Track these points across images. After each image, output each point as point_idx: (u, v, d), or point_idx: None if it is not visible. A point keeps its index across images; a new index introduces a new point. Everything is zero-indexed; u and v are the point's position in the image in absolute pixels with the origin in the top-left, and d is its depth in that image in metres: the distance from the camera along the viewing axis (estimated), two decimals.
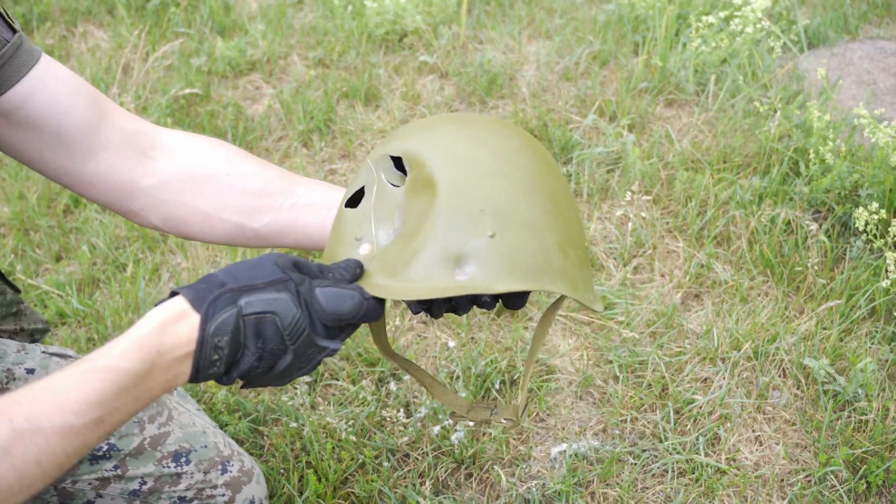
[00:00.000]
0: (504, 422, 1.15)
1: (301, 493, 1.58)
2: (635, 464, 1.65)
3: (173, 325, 0.83)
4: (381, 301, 0.92)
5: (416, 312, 1.02)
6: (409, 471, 1.64)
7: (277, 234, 1.18)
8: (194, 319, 0.83)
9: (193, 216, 1.17)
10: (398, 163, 1.01)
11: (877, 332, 1.88)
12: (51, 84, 1.09)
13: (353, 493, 1.59)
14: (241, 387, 0.91)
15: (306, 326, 0.87)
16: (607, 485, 1.62)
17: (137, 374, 0.81)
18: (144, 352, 0.81)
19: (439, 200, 0.92)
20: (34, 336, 1.34)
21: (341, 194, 1.16)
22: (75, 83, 1.12)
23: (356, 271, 0.93)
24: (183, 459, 1.27)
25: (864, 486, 1.60)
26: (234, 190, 1.17)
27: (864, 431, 1.68)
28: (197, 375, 0.84)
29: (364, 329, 1.88)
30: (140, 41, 2.85)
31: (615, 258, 2.10)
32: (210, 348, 0.83)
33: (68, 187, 1.17)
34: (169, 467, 1.25)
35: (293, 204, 1.17)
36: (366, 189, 1.00)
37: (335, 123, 2.56)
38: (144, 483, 1.23)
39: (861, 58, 2.75)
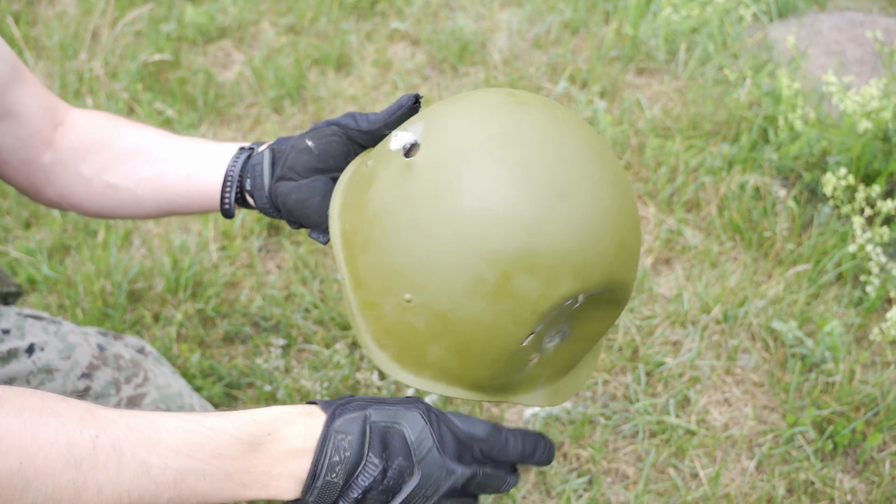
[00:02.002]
0: None
1: None
2: (607, 425, 1.68)
3: (295, 417, 0.82)
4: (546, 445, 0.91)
5: None
6: None
7: (153, 194, 1.14)
8: (319, 417, 0.82)
9: (78, 184, 1.15)
10: None
11: (843, 296, 1.91)
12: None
13: None
14: None
15: (434, 443, 0.83)
16: (580, 445, 1.64)
17: (240, 445, 0.78)
18: (257, 427, 0.79)
19: (624, 309, 0.94)
20: (7, 299, 1.33)
21: (214, 146, 1.13)
22: (13, 63, 1.09)
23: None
24: None
25: (831, 446, 1.63)
26: (112, 151, 1.15)
27: (830, 393, 1.72)
28: (313, 481, 0.79)
29: (338, 294, 1.89)
30: (108, 6, 2.81)
31: None
32: (332, 447, 0.80)
33: None
34: None
35: (165, 158, 1.14)
36: None
37: (306, 90, 2.55)
38: None
39: (830, 28, 2.77)
